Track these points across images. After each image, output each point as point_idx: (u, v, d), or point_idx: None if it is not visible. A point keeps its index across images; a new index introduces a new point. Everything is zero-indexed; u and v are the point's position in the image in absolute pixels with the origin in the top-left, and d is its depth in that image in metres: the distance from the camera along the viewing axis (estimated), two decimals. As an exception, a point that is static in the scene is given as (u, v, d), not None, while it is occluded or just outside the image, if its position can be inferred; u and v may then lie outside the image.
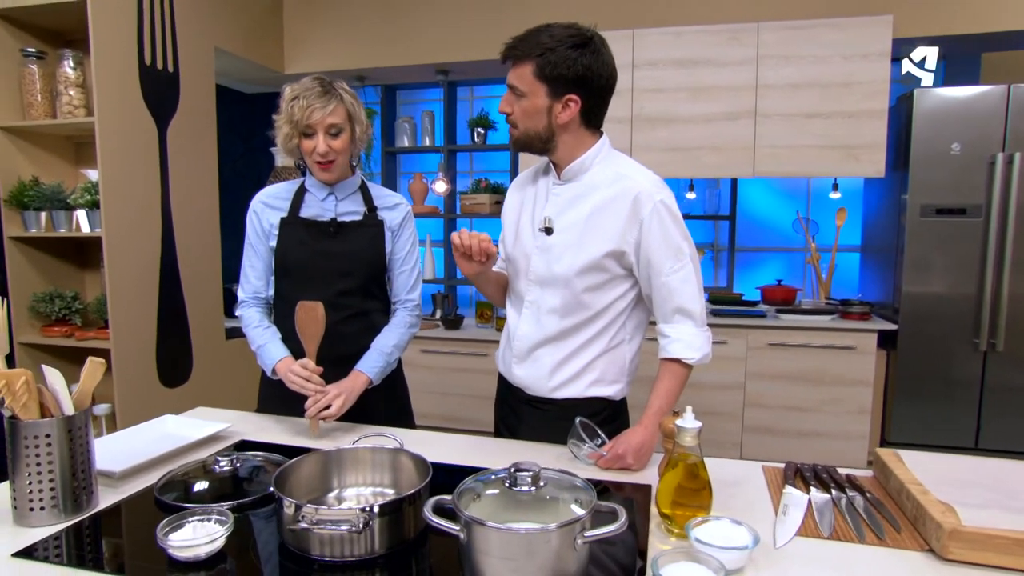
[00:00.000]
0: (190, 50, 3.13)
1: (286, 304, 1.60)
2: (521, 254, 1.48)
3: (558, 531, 0.81)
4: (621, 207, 1.37)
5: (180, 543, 0.96)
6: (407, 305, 1.73)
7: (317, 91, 1.52)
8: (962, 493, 1.11)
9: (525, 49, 1.34)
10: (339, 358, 1.59)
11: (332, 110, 1.52)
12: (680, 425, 1.06)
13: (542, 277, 1.45)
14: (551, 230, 1.42)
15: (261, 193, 1.68)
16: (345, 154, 1.58)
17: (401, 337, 1.68)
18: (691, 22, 3.35)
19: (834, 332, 3.10)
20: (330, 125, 1.52)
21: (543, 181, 1.52)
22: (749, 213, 4.10)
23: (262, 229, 1.64)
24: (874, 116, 3.12)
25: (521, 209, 1.54)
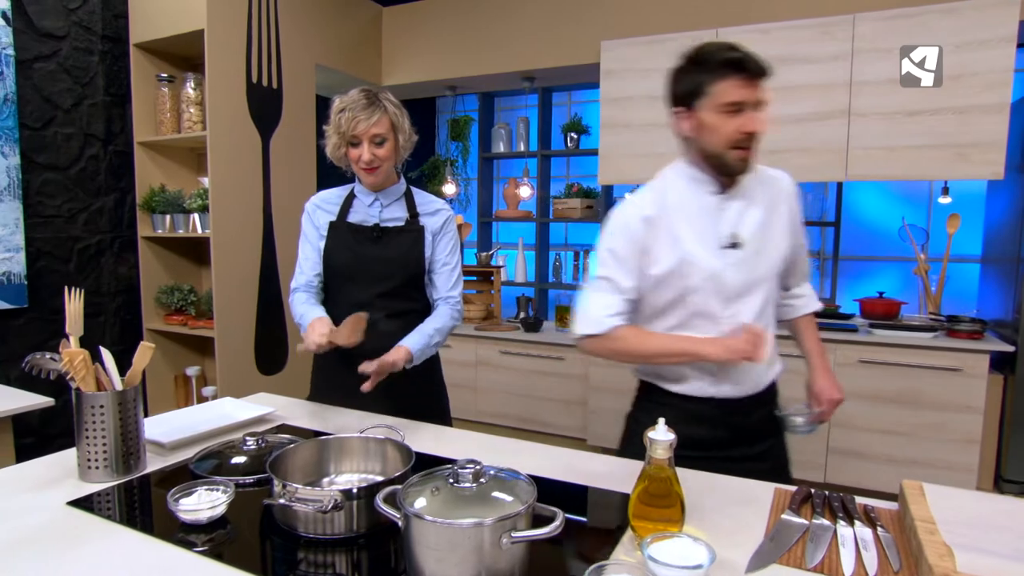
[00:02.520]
0: (293, 67, 3.43)
1: (331, 299, 1.78)
2: (706, 277, 1.41)
3: (475, 528, 0.84)
4: (781, 200, 1.49)
5: (186, 507, 1.10)
6: (449, 301, 1.80)
7: (363, 103, 1.63)
8: (983, 537, 1.00)
9: (767, 68, 1.41)
10: (374, 352, 1.66)
11: (376, 121, 1.62)
12: (652, 437, 1.05)
13: (739, 289, 1.43)
14: (738, 244, 1.42)
15: (315, 197, 1.83)
16: (389, 161, 1.69)
17: (444, 323, 1.74)
18: (779, 17, 3.18)
19: (937, 351, 2.81)
20: (374, 135, 1.63)
21: (693, 201, 1.44)
22: (858, 219, 3.81)
23: (314, 228, 1.79)
24: (991, 111, 2.78)
25: (676, 238, 1.42)
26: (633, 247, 1.41)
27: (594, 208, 4.30)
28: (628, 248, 1.41)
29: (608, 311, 1.41)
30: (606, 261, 1.43)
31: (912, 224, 3.49)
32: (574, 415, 3.60)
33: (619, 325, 1.41)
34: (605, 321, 1.41)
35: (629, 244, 1.41)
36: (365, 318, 1.60)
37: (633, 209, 1.44)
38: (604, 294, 1.42)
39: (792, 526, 1.11)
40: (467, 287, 4.15)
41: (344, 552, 1.04)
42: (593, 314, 1.43)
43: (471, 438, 1.61)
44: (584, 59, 3.67)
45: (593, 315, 1.42)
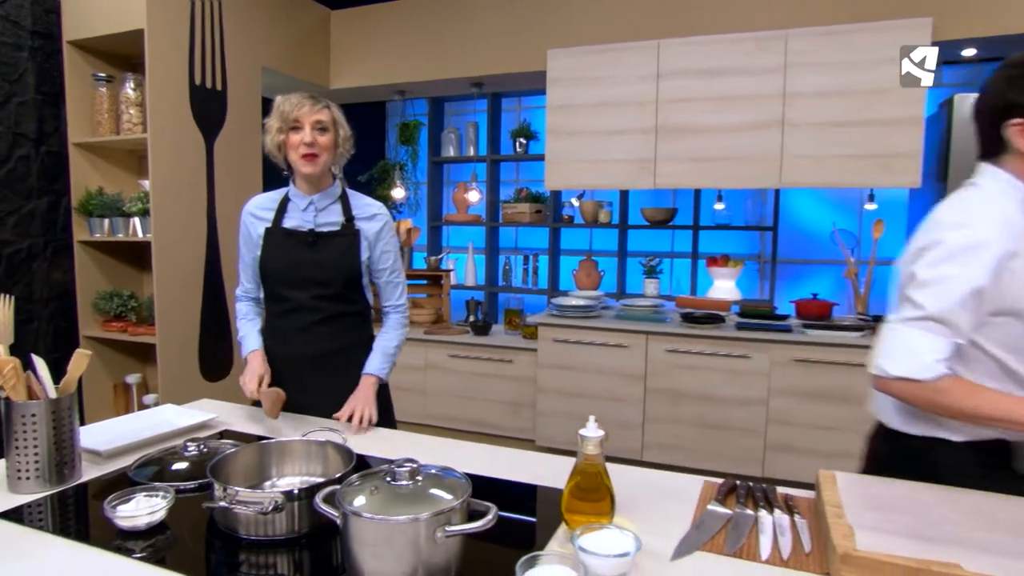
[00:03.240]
0: (238, 69, 3.39)
1: (272, 308, 1.81)
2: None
3: (410, 523, 0.88)
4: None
5: (123, 514, 1.09)
6: (398, 309, 1.87)
7: (307, 95, 1.69)
8: (884, 518, 1.08)
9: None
10: (313, 356, 1.77)
11: (319, 110, 1.67)
12: (583, 434, 1.10)
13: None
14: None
15: (249, 204, 1.84)
16: (329, 153, 1.70)
17: (400, 338, 1.86)
18: (717, 31, 3.31)
19: (865, 349, 2.97)
20: (316, 121, 1.66)
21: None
22: (795, 224, 3.99)
23: (250, 237, 1.80)
24: (909, 124, 2.97)
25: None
26: (987, 277, 1.18)
27: (543, 213, 4.37)
28: (983, 277, 1.18)
29: (938, 355, 1.19)
30: (947, 293, 1.19)
31: (843, 229, 3.67)
32: (522, 417, 3.65)
33: (947, 374, 1.19)
34: (934, 367, 1.19)
35: (986, 272, 1.18)
36: (283, 397, 1.66)
37: (991, 230, 1.19)
38: (934, 336, 1.20)
39: (716, 516, 1.18)
40: (417, 291, 4.16)
41: (286, 553, 1.06)
42: (921, 356, 1.20)
43: (414, 440, 1.64)
44: (531, 66, 3.74)
45: (921, 357, 1.20)
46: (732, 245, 4.16)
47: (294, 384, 1.73)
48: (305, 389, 1.75)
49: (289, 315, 1.76)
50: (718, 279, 3.85)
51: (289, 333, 1.77)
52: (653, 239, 4.41)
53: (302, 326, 1.75)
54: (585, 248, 4.63)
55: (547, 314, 3.63)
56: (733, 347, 3.15)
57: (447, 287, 4.15)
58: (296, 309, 1.75)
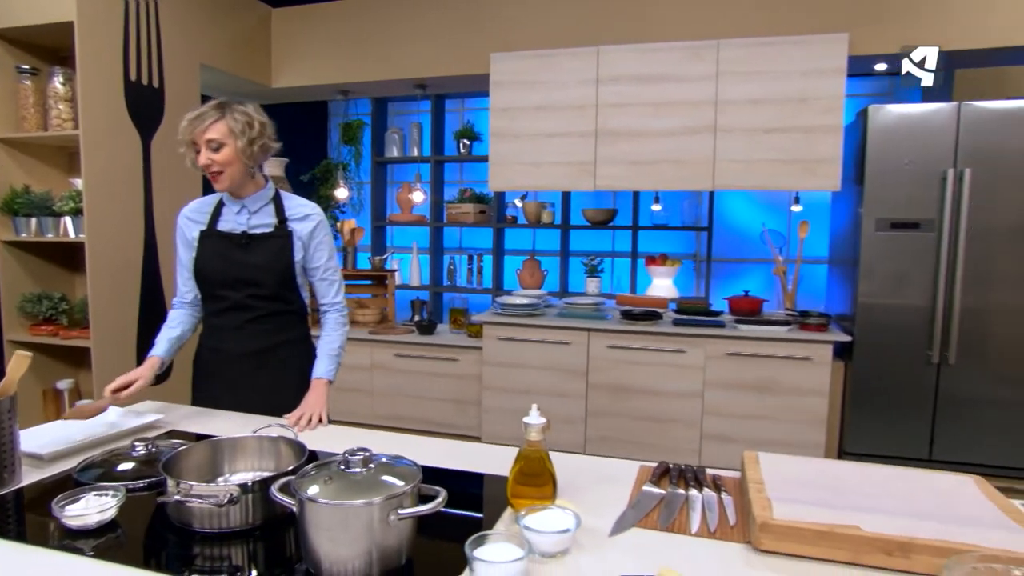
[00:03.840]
0: (175, 66, 3.32)
1: (209, 307, 1.85)
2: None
3: (364, 508, 0.93)
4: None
5: (72, 513, 1.09)
6: (335, 308, 1.90)
7: (200, 111, 1.68)
8: (798, 491, 1.19)
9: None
10: (251, 353, 1.82)
11: (208, 127, 1.65)
12: (526, 422, 1.17)
13: None
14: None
15: (185, 208, 1.86)
16: (232, 166, 1.68)
17: (342, 338, 1.89)
18: (654, 39, 3.46)
19: (791, 343, 3.17)
20: (209, 140, 1.65)
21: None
22: (729, 224, 4.18)
23: (187, 240, 1.82)
24: (830, 131, 3.19)
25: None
26: None
27: (487, 213, 4.43)
28: None
29: None
30: None
31: (772, 229, 3.88)
32: (468, 415, 3.71)
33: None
34: None
35: None
36: (97, 409, 1.62)
37: None
38: None
39: (651, 496, 1.28)
40: (361, 291, 4.16)
41: (240, 544, 1.08)
42: None
43: (365, 436, 1.67)
44: (475, 69, 3.80)
45: None
46: (670, 245, 4.33)
47: (230, 380, 1.80)
48: (240, 386, 1.81)
49: (225, 313, 1.80)
50: (657, 277, 4.00)
51: (225, 331, 1.81)
52: (594, 239, 4.54)
53: (237, 324, 1.79)
54: (528, 248, 4.72)
55: (492, 313, 3.70)
56: (670, 342, 3.30)
57: (392, 287, 4.16)
58: (232, 308, 1.79)
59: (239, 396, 1.80)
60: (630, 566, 1.00)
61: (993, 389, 2.99)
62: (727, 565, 1.03)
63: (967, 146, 2.94)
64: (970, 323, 2.99)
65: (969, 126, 2.93)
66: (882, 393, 3.13)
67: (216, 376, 1.82)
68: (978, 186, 2.94)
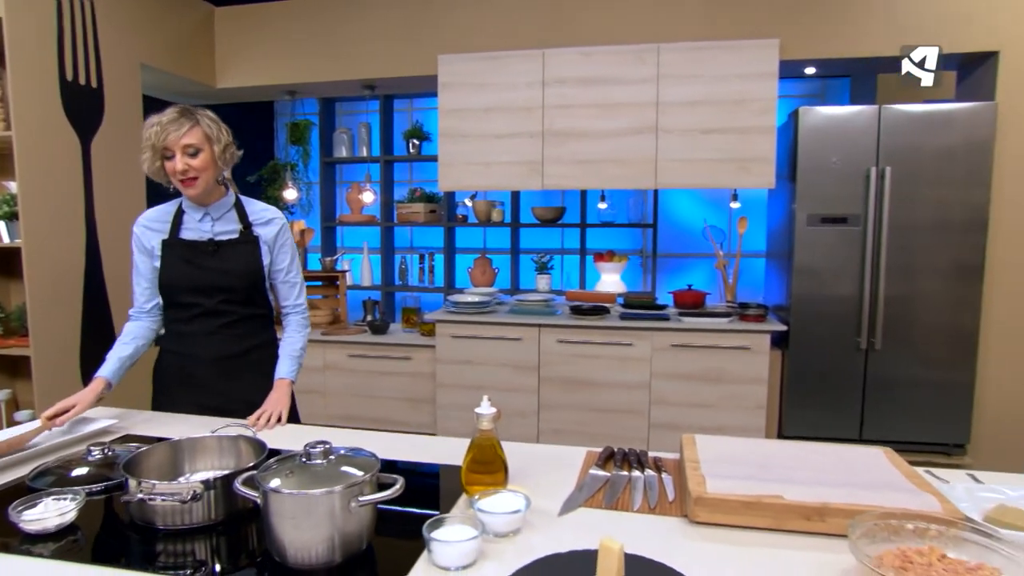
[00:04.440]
0: (114, 66, 3.24)
1: (177, 314, 1.81)
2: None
3: (325, 496, 0.98)
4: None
5: (30, 517, 1.10)
6: (297, 310, 1.93)
7: (172, 116, 1.64)
8: (730, 468, 1.30)
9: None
10: (224, 357, 1.81)
11: (187, 132, 1.64)
12: (478, 412, 1.24)
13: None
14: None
15: (141, 217, 1.82)
16: (207, 172, 1.69)
17: (304, 339, 1.92)
18: (598, 43, 3.57)
19: (732, 333, 3.32)
20: (186, 146, 1.64)
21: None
22: (673, 221, 4.34)
23: (145, 248, 1.79)
24: (764, 132, 3.36)
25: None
26: None
27: (437, 212, 4.47)
28: None
29: None
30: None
31: (713, 226, 4.05)
32: (423, 412, 3.75)
33: None
34: None
35: None
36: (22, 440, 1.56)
37: None
38: None
39: (596, 478, 1.36)
40: (313, 292, 4.14)
41: (203, 539, 1.12)
42: None
43: (323, 434, 1.71)
44: (423, 71, 3.84)
45: None
46: (617, 242, 4.46)
47: (198, 386, 1.79)
48: (210, 391, 1.80)
49: (195, 320, 1.79)
50: (605, 273, 4.12)
51: (196, 337, 1.79)
52: (544, 237, 4.64)
53: (210, 330, 1.79)
54: (479, 246, 4.78)
55: (444, 311, 3.75)
56: (618, 336, 3.42)
57: (343, 288, 4.17)
58: (203, 314, 1.78)
59: (207, 401, 1.79)
60: (577, 542, 1.08)
61: (915, 371, 3.22)
62: (666, 537, 1.12)
63: (887, 146, 3.15)
64: (893, 311, 3.21)
65: (889, 127, 3.15)
66: (816, 378, 3.33)
67: (182, 382, 1.81)
68: (898, 183, 3.16)
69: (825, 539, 1.09)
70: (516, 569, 0.99)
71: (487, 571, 1.00)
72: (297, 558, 1.00)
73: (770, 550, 1.07)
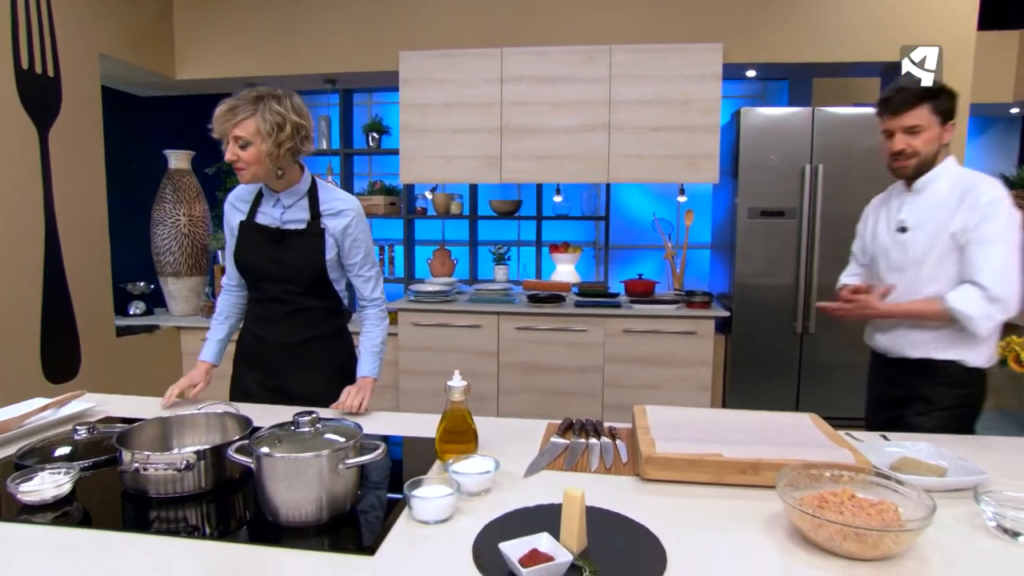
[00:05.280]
0: (72, 55, 3.20)
1: (251, 295, 1.91)
2: (880, 251, 1.95)
3: (315, 459, 1.08)
4: (959, 202, 1.77)
5: (27, 489, 1.17)
6: (375, 303, 1.93)
7: (231, 104, 1.63)
8: (677, 433, 1.45)
9: (921, 96, 1.77)
10: (283, 344, 1.86)
11: (238, 123, 1.61)
12: (450, 385, 1.36)
13: (898, 264, 1.88)
14: (905, 229, 1.86)
15: (231, 194, 1.89)
16: (256, 165, 1.66)
17: (383, 333, 1.92)
18: (553, 42, 3.71)
19: (679, 319, 3.52)
20: (236, 137, 1.63)
21: (895, 195, 1.97)
22: (624, 214, 4.52)
23: (230, 227, 1.87)
24: (709, 130, 3.56)
25: (877, 219, 2.01)
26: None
27: (397, 205, 4.54)
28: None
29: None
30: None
31: (662, 218, 4.25)
32: (385, 399, 3.84)
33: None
34: None
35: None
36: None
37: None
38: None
39: (557, 445, 1.50)
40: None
41: (194, 506, 1.20)
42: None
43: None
44: (384, 66, 3.90)
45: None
46: (571, 233, 4.62)
47: (268, 368, 1.88)
48: (277, 374, 1.87)
49: (264, 304, 1.86)
50: (560, 264, 4.28)
51: (265, 320, 1.87)
52: (501, 229, 4.76)
53: (275, 316, 1.85)
54: (438, 238, 4.87)
55: (406, 300, 3.84)
56: (573, 323, 3.58)
57: (305, 279, 4.19)
58: (270, 299, 1.84)
59: (268, 382, 1.88)
60: (542, 499, 1.21)
61: (844, 354, 3.47)
62: (620, 492, 1.27)
63: (821, 145, 3.39)
64: (826, 298, 3.43)
65: (822, 128, 3.39)
66: (756, 360, 3.56)
67: (255, 362, 1.89)
68: (830, 180, 3.40)
69: (758, 490, 1.26)
70: (488, 521, 1.12)
71: (462, 524, 1.13)
72: (289, 517, 1.10)
73: (711, 500, 1.23)
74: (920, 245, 1.83)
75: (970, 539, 1.09)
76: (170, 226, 3.98)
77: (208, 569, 0.99)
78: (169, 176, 4.03)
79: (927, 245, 1.81)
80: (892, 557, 1.01)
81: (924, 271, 1.82)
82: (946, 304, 1.73)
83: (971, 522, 1.14)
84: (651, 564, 0.99)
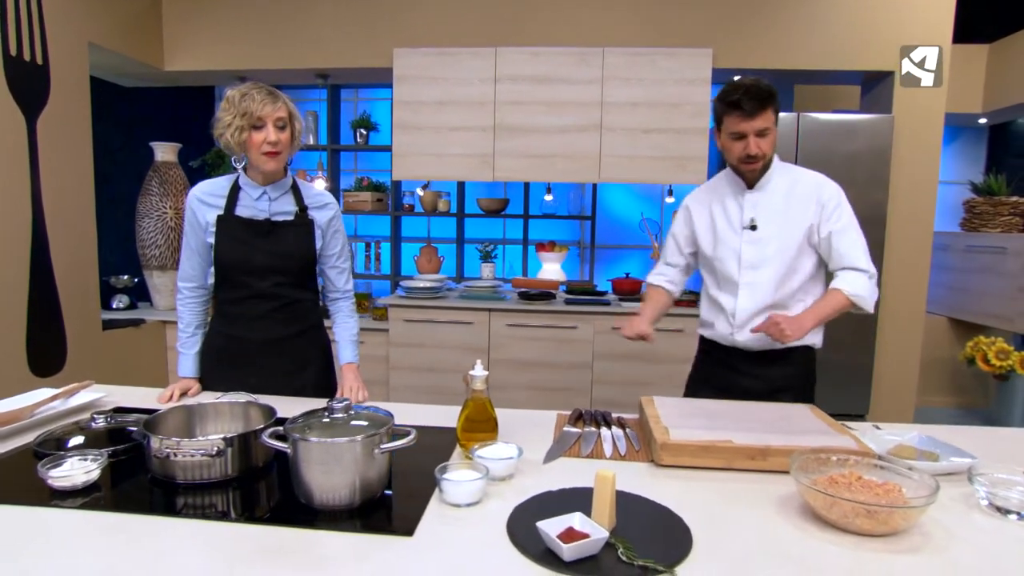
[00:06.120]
0: (61, 44, 3.15)
1: (226, 295, 1.84)
2: (729, 250, 1.91)
3: (350, 443, 1.12)
4: (809, 200, 1.86)
5: (58, 474, 1.18)
6: (347, 295, 2.00)
7: (265, 91, 1.71)
8: (686, 421, 1.52)
9: (769, 98, 1.76)
10: (273, 340, 1.85)
11: (279, 106, 1.71)
12: (472, 375, 1.40)
13: (754, 262, 1.87)
14: (756, 227, 1.86)
15: (196, 189, 1.81)
16: (288, 148, 1.75)
17: (357, 324, 2.02)
18: (547, 43, 3.76)
19: (666, 317, 3.56)
20: (278, 119, 1.70)
21: (730, 194, 1.93)
22: (610, 214, 4.59)
23: (198, 224, 1.79)
24: (698, 133, 3.66)
25: (713, 218, 1.96)
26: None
27: (384, 201, 4.55)
28: None
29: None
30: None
31: (649, 218, 4.34)
32: (376, 395, 3.81)
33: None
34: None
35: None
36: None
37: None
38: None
39: (571, 434, 1.55)
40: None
41: (220, 493, 1.22)
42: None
43: (302, 403, 1.82)
44: (377, 63, 3.91)
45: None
46: (557, 232, 4.68)
47: (248, 366, 1.83)
48: (259, 370, 1.83)
49: (246, 302, 1.81)
50: (547, 263, 4.33)
51: (242, 319, 1.82)
52: (488, 227, 4.80)
53: (260, 313, 1.81)
54: (425, 235, 4.89)
55: (396, 296, 3.86)
56: (563, 320, 3.64)
57: (293, 274, 4.18)
58: (252, 296, 1.80)
59: (256, 382, 1.78)
60: (564, 484, 1.26)
61: (824, 353, 3.57)
62: (638, 477, 1.32)
63: (804, 149, 3.51)
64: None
65: (805, 132, 3.50)
66: (740, 359, 3.66)
67: (231, 362, 1.84)
68: (813, 183, 3.51)
69: (767, 475, 1.32)
70: (516, 504, 1.17)
71: (492, 507, 1.17)
72: (324, 500, 1.13)
73: (724, 484, 1.29)
74: (775, 242, 1.85)
75: (966, 516, 1.17)
76: (156, 219, 3.93)
77: (250, 549, 1.02)
78: (155, 168, 3.98)
79: (784, 241, 1.85)
80: (899, 533, 1.08)
81: (784, 266, 1.86)
82: (845, 294, 1.80)
83: (966, 502, 1.22)
84: (678, 541, 1.04)
